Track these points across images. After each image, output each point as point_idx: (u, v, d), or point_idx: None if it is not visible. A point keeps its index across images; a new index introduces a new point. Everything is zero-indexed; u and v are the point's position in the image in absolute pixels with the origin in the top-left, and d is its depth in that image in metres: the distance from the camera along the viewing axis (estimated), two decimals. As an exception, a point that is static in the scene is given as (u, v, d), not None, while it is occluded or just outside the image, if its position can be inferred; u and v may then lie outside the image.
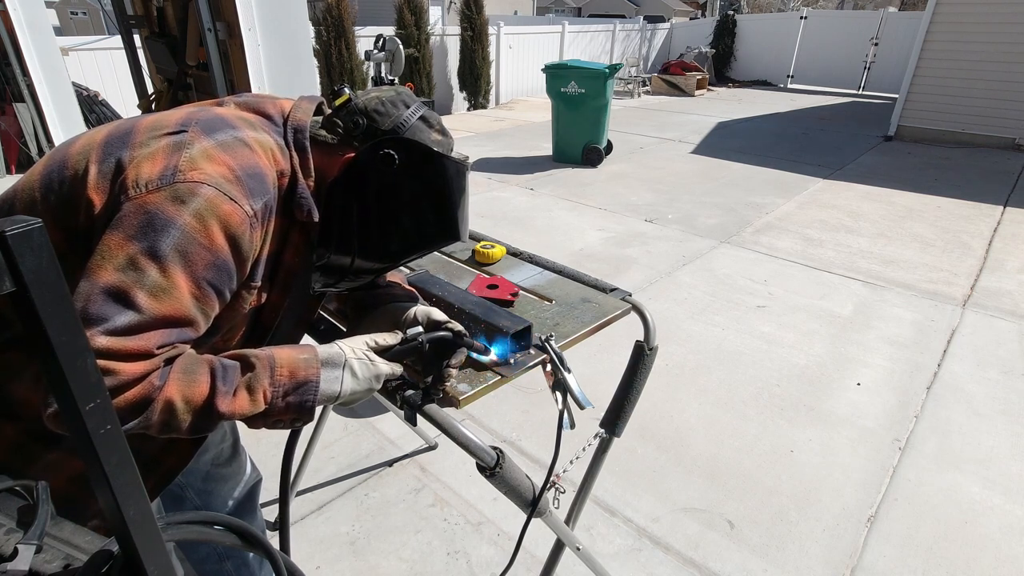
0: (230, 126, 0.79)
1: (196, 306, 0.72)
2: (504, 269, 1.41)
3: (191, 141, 0.74)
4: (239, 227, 0.73)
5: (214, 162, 0.73)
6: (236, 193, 0.73)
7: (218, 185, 0.71)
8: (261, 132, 0.82)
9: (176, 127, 0.77)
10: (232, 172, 0.73)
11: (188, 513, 0.59)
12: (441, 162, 0.87)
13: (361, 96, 0.88)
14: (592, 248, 4.31)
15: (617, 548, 1.87)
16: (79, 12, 31.15)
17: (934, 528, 1.97)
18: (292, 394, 0.77)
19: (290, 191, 0.83)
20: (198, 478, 1.27)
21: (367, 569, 1.79)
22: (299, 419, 0.79)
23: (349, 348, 0.84)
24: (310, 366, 0.78)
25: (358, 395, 0.84)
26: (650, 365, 1.23)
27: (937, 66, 7.62)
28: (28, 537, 0.51)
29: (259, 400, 0.75)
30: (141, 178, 0.70)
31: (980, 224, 4.88)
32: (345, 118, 0.86)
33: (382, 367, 0.85)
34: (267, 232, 0.80)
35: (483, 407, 2.50)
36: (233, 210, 0.72)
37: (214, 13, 2.13)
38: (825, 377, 2.79)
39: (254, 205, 0.75)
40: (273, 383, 0.76)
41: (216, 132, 0.77)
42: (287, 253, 0.87)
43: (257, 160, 0.78)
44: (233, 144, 0.77)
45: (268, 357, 0.77)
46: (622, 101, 11.31)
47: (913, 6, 20.94)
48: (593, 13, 32.99)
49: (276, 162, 0.81)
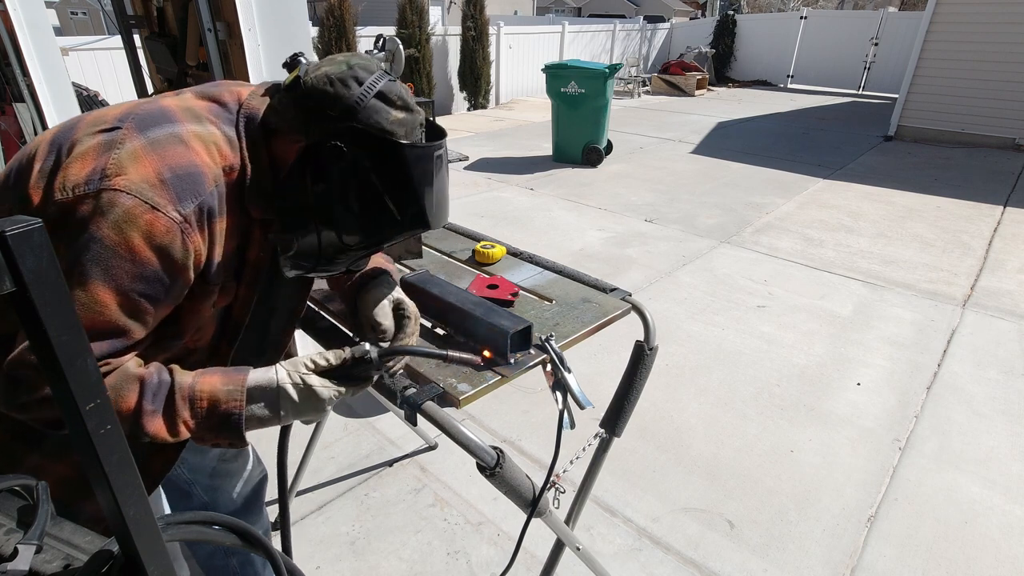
0: (169, 120, 0.75)
1: (127, 316, 0.70)
2: (504, 269, 1.41)
3: (122, 140, 0.71)
4: (164, 236, 0.69)
5: (140, 164, 0.69)
6: (160, 200, 0.69)
7: (139, 193, 0.68)
8: (206, 125, 0.78)
9: (113, 123, 0.73)
10: (158, 176, 0.69)
11: (188, 513, 0.59)
12: (398, 151, 0.78)
13: (311, 72, 0.78)
14: (592, 248, 4.31)
15: (617, 548, 1.87)
16: (79, 12, 31.09)
17: (934, 528, 1.97)
18: (217, 426, 0.75)
19: (240, 186, 0.78)
20: (205, 474, 1.27)
21: (367, 569, 1.79)
22: (235, 443, 0.77)
23: (286, 372, 0.80)
24: (232, 398, 0.76)
25: (305, 417, 0.81)
26: (650, 365, 1.23)
27: (937, 66, 7.62)
28: (28, 537, 0.51)
29: (181, 430, 0.74)
30: (68, 181, 0.68)
31: (980, 224, 4.88)
32: (297, 101, 0.78)
33: (321, 392, 0.79)
34: (212, 233, 0.76)
35: (483, 407, 2.50)
36: (155, 219, 0.68)
37: (214, 13, 2.13)
38: (825, 377, 2.79)
39: (183, 209, 0.70)
40: (194, 415, 0.75)
41: (151, 128, 0.73)
42: (251, 250, 0.84)
43: (192, 158, 0.73)
44: (166, 142, 0.72)
45: (190, 388, 0.75)
46: (622, 101, 11.31)
47: (913, 6, 20.93)
48: (593, 13, 32.98)
49: (222, 157, 0.77)
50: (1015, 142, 7.48)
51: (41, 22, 2.07)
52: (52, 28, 2.17)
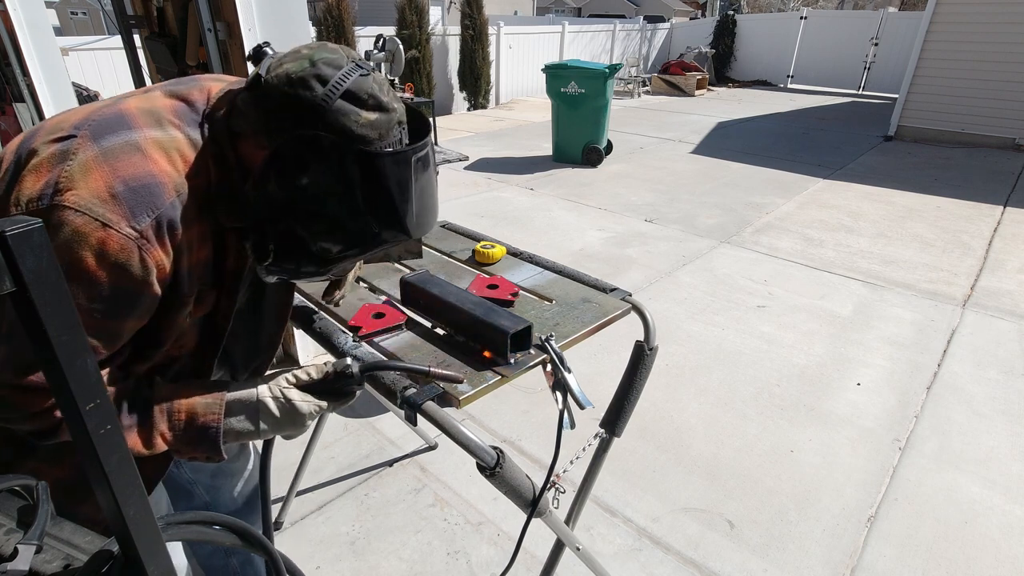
0: (126, 127, 0.70)
1: (90, 335, 0.68)
2: (504, 269, 1.41)
3: (76, 150, 0.67)
4: (120, 254, 0.65)
5: (91, 178, 0.65)
6: (112, 216, 0.65)
7: (89, 210, 0.64)
8: (168, 129, 0.73)
9: (69, 130, 0.69)
10: (109, 190, 0.65)
11: (188, 513, 0.59)
12: (370, 161, 0.71)
13: (273, 68, 0.72)
14: (592, 248, 4.31)
15: (617, 548, 1.87)
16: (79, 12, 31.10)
17: (934, 528, 1.97)
18: (195, 440, 0.75)
19: (207, 193, 0.74)
20: (207, 475, 1.27)
21: (367, 569, 1.79)
22: (212, 458, 0.77)
23: (266, 386, 0.79)
24: (210, 411, 0.75)
25: (285, 432, 0.80)
26: (650, 365, 1.23)
27: (937, 66, 7.62)
28: (28, 537, 0.51)
29: (157, 443, 0.74)
30: (22, 195, 0.66)
31: (980, 224, 4.88)
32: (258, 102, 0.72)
33: (301, 407, 0.78)
34: (176, 246, 0.71)
35: (483, 407, 2.50)
36: (107, 236, 0.64)
37: (214, 13, 2.13)
38: (825, 377, 2.79)
39: (137, 224, 0.66)
40: (172, 427, 0.75)
41: (106, 137, 0.68)
42: (228, 259, 0.81)
43: (149, 168, 0.69)
44: (120, 151, 0.68)
45: (169, 400, 0.75)
46: (622, 101, 11.31)
47: (913, 6, 20.94)
48: (593, 13, 32.98)
49: (185, 163, 0.72)
50: (1015, 142, 7.48)
51: (41, 22, 2.07)
52: (52, 28, 2.17)
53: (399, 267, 1.44)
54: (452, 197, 5.45)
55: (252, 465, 1.37)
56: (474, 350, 1.05)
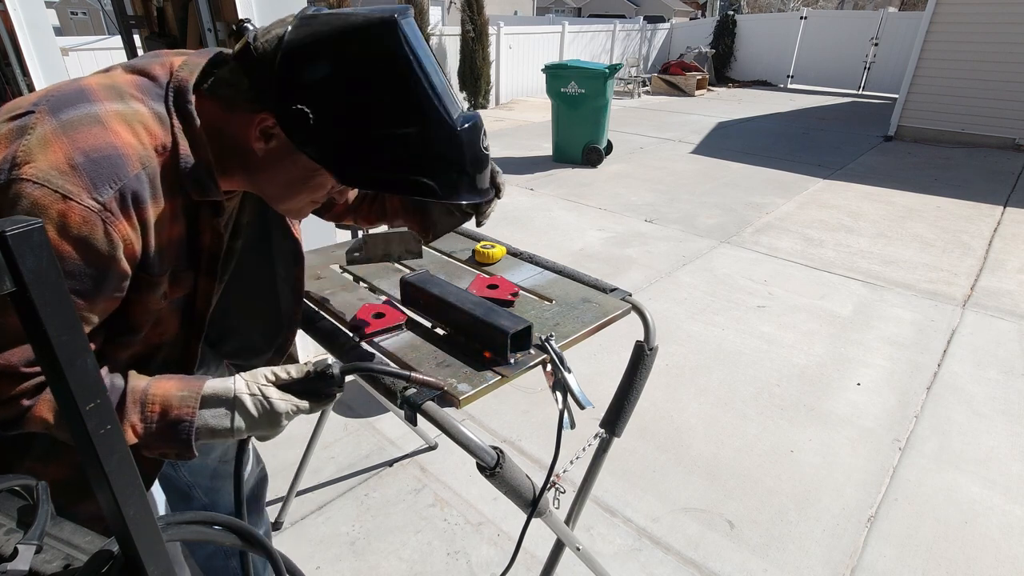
0: (86, 100, 0.68)
1: None
2: (504, 269, 1.41)
3: (34, 124, 0.65)
4: (81, 227, 0.63)
5: (50, 150, 0.63)
6: (72, 187, 0.63)
7: (47, 182, 0.62)
8: (131, 102, 0.70)
9: (27, 107, 0.68)
10: (68, 161, 0.63)
11: (188, 513, 0.59)
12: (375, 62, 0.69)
13: (260, 36, 0.72)
14: (592, 248, 4.31)
15: (617, 548, 1.87)
16: (79, 12, 31.11)
17: (934, 528, 1.97)
18: (167, 433, 0.73)
19: (175, 166, 0.72)
20: (205, 476, 1.27)
21: (367, 569, 1.79)
22: (183, 454, 0.74)
23: (244, 383, 0.77)
24: (184, 404, 0.73)
25: (259, 432, 0.77)
26: (650, 365, 1.23)
27: (937, 66, 7.62)
28: (28, 537, 0.51)
29: (129, 434, 0.71)
30: None
31: (980, 224, 4.88)
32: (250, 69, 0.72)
33: (279, 405, 0.76)
34: (144, 220, 0.69)
35: (483, 407, 2.50)
36: (68, 209, 0.62)
37: (214, 13, 2.13)
38: (825, 377, 2.79)
39: (100, 196, 0.64)
40: (144, 419, 0.72)
41: (64, 110, 0.66)
42: (203, 236, 0.79)
43: (110, 139, 0.66)
44: (80, 123, 0.66)
45: (143, 392, 0.73)
46: (622, 101, 11.31)
47: (913, 6, 20.94)
48: (593, 13, 32.99)
49: (152, 137, 0.70)
50: (1015, 142, 7.48)
51: (41, 22, 2.07)
52: (52, 28, 2.17)
53: (399, 267, 1.44)
54: (452, 197, 5.44)
55: (251, 466, 1.37)
56: (474, 350, 1.05)
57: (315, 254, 1.47)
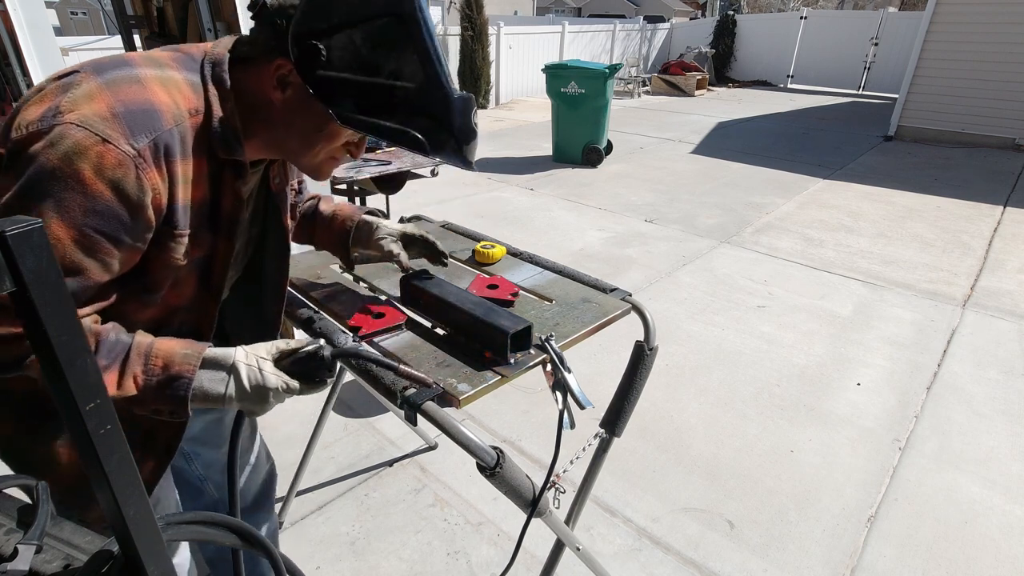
0: (127, 64, 0.75)
1: (83, 253, 0.69)
2: (504, 269, 1.41)
3: (79, 82, 0.71)
4: (116, 169, 0.68)
5: (94, 101, 0.69)
6: (111, 132, 0.68)
7: (90, 125, 0.67)
8: (167, 70, 0.77)
9: (71, 69, 0.74)
10: (110, 110, 0.69)
11: (188, 513, 0.60)
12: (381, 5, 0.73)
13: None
14: (592, 248, 4.31)
15: (617, 548, 1.87)
16: (79, 12, 31.12)
17: (934, 528, 1.97)
18: (166, 387, 0.75)
19: (206, 130, 0.78)
20: (217, 471, 1.28)
21: (367, 569, 1.79)
22: (176, 412, 0.76)
23: (244, 352, 0.80)
24: (187, 362, 0.76)
25: (248, 405, 0.79)
26: (650, 365, 1.23)
27: (937, 66, 7.63)
28: (28, 537, 0.51)
29: (129, 384, 0.74)
30: (23, 121, 0.69)
31: (980, 224, 4.88)
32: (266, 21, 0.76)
33: (270, 380, 0.79)
34: (172, 174, 0.74)
35: (483, 407, 2.50)
36: (106, 150, 0.67)
37: (214, 13, 2.13)
38: (825, 377, 2.79)
39: (136, 143, 0.69)
40: (146, 371, 0.74)
41: (107, 71, 0.73)
42: (225, 200, 0.83)
43: (148, 96, 0.72)
44: (121, 81, 0.72)
45: (148, 346, 0.76)
46: (622, 101, 11.31)
47: (913, 6, 20.94)
48: (593, 13, 33.00)
49: (185, 100, 0.76)
50: (1015, 142, 7.48)
51: (41, 22, 2.07)
52: (52, 28, 2.17)
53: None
54: (452, 197, 5.45)
55: (265, 462, 1.37)
56: (474, 350, 1.05)
57: (315, 254, 1.47)
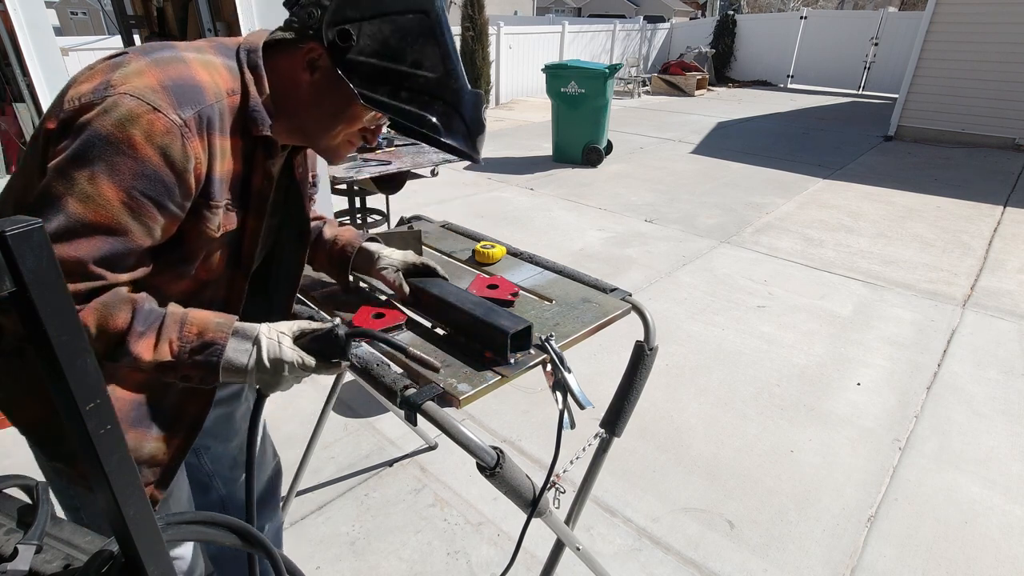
0: (172, 48, 0.82)
1: (129, 215, 0.74)
2: (504, 269, 1.41)
3: (128, 61, 0.77)
4: (164, 136, 0.73)
5: (144, 76, 0.75)
6: (161, 102, 0.74)
7: (141, 95, 0.73)
8: (208, 55, 0.83)
9: (118, 52, 0.80)
10: (160, 83, 0.75)
11: (188, 513, 0.60)
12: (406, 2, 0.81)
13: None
14: (592, 248, 4.31)
15: (617, 548, 1.87)
16: (79, 12, 31.13)
17: (934, 528, 1.97)
18: (199, 353, 0.79)
19: (243, 108, 0.83)
20: (226, 466, 1.28)
21: (367, 569, 1.79)
22: (206, 379, 0.80)
23: (268, 327, 0.85)
24: (220, 330, 0.80)
25: (266, 377, 0.83)
26: (650, 365, 1.23)
27: (937, 66, 7.62)
28: (28, 537, 0.51)
29: (164, 350, 0.78)
30: (77, 94, 0.74)
31: (980, 224, 4.88)
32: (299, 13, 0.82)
33: (287, 354, 0.83)
34: (212, 146, 0.80)
35: (483, 407, 2.50)
36: (156, 118, 0.73)
37: (214, 13, 2.13)
38: (825, 377, 2.79)
39: (183, 113, 0.75)
40: (181, 337, 0.78)
41: (154, 52, 0.79)
42: (255, 177, 0.88)
43: (193, 74, 0.79)
44: (168, 60, 0.78)
45: (183, 314, 0.80)
46: (622, 101, 11.31)
47: (913, 6, 20.94)
48: (593, 13, 33.00)
49: (224, 81, 0.82)
50: (1015, 142, 7.48)
51: (41, 22, 2.07)
52: (52, 28, 2.17)
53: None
54: (452, 197, 5.45)
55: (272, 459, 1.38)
56: (474, 350, 1.05)
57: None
